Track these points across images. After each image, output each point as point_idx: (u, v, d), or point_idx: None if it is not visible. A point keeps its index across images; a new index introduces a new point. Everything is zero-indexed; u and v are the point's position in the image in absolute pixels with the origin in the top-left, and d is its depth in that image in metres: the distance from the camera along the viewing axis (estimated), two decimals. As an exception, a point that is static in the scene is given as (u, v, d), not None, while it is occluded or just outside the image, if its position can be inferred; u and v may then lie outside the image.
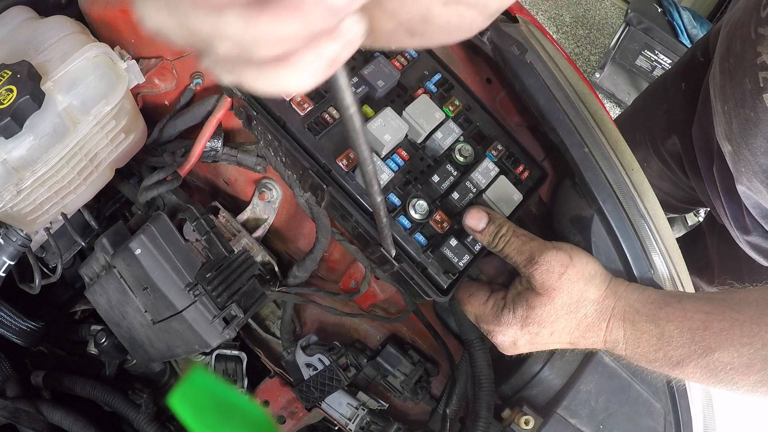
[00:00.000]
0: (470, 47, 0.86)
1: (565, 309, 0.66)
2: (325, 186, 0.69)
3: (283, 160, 0.75)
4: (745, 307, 0.62)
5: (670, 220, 2.21)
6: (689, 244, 1.48)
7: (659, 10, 2.83)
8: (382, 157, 0.69)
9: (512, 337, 0.68)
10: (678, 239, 0.80)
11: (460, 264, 0.69)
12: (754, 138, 0.87)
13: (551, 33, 2.44)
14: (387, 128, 0.69)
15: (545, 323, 0.66)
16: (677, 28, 2.74)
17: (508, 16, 0.85)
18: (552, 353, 0.77)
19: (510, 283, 0.72)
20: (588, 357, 0.77)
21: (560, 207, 0.81)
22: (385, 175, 0.68)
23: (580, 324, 0.67)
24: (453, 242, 0.69)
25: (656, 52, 2.78)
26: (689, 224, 2.33)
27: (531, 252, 0.66)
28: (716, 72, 0.97)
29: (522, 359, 0.79)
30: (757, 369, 0.60)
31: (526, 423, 0.74)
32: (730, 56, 0.91)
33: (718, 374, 0.62)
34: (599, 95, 1.33)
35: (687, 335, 0.62)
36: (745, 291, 0.66)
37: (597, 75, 2.97)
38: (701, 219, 1.74)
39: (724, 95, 0.93)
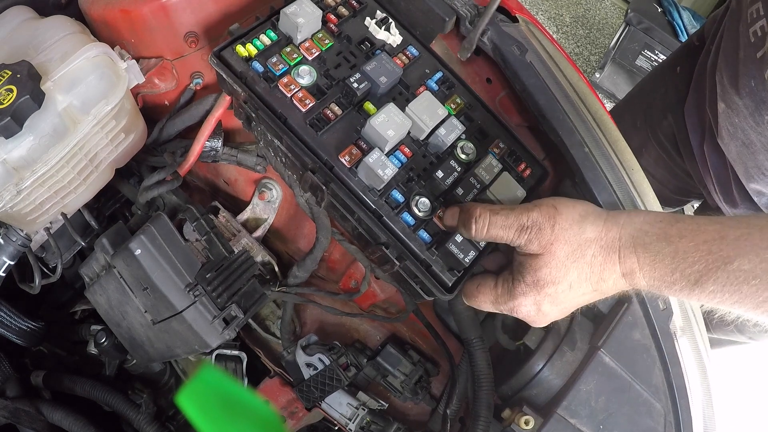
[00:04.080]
0: (470, 47, 0.86)
1: (570, 257, 0.64)
2: (326, 183, 0.69)
3: (283, 160, 0.75)
4: (765, 215, 0.60)
5: None
6: None
7: (659, 10, 2.83)
8: (385, 153, 0.69)
9: (534, 304, 0.66)
10: None
11: (466, 260, 0.68)
12: (741, 78, 0.90)
13: (551, 33, 2.44)
14: (390, 124, 0.69)
15: (558, 279, 0.64)
16: (677, 28, 2.74)
17: (508, 16, 0.85)
18: (552, 353, 0.77)
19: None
20: (588, 357, 0.77)
21: (560, 207, 0.81)
22: (389, 171, 0.67)
23: (592, 267, 0.64)
24: (458, 238, 0.68)
25: (656, 52, 2.78)
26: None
27: (517, 221, 0.64)
28: (720, 40, 1.01)
29: (522, 359, 0.79)
30: None
31: (526, 423, 0.74)
32: (730, 15, 0.95)
33: (741, 288, 0.57)
34: (599, 95, 1.35)
35: (703, 248, 0.58)
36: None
37: (597, 75, 2.97)
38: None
39: (722, 54, 0.96)
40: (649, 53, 2.80)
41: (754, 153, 0.96)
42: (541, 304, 0.66)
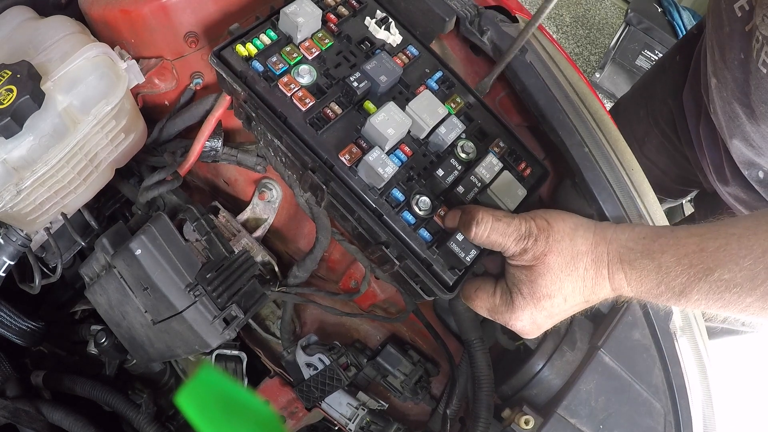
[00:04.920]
0: (470, 47, 0.86)
1: (564, 270, 0.65)
2: (326, 182, 0.69)
3: (283, 160, 0.75)
4: (741, 222, 0.61)
5: (670, 211, 2.27)
6: None
7: (659, 10, 2.83)
8: (385, 151, 0.69)
9: (530, 318, 0.67)
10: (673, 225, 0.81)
11: (467, 259, 0.68)
12: (730, 52, 0.91)
13: (551, 33, 2.44)
14: (390, 122, 0.69)
15: (554, 292, 0.66)
16: (677, 28, 2.74)
17: (508, 15, 0.85)
18: (552, 353, 0.77)
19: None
20: (588, 357, 0.77)
21: (560, 207, 0.81)
22: (389, 169, 0.67)
23: (585, 281, 0.66)
24: (459, 237, 0.68)
25: (656, 52, 2.78)
26: (686, 216, 2.36)
27: (516, 230, 0.65)
28: (708, 20, 1.04)
29: (522, 359, 0.79)
30: (761, 280, 0.58)
31: (526, 423, 0.74)
32: None
33: (723, 296, 0.60)
34: (599, 95, 1.37)
35: (684, 261, 0.61)
36: (740, 215, 0.65)
37: (597, 75, 2.97)
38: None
39: (710, 32, 0.99)
40: (649, 53, 2.80)
41: (741, 125, 0.99)
42: (537, 318, 0.67)
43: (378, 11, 0.78)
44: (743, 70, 0.91)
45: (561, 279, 0.65)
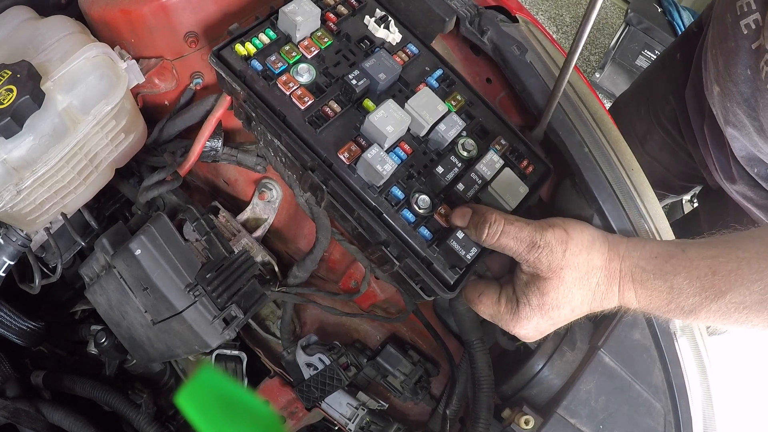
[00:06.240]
0: (470, 47, 0.86)
1: (577, 284, 0.65)
2: (325, 181, 0.69)
3: (283, 159, 0.75)
4: (750, 244, 0.62)
5: (671, 208, 2.26)
6: (684, 227, 1.62)
7: (659, 10, 2.83)
8: (385, 149, 0.68)
9: (535, 326, 0.67)
10: (673, 223, 0.82)
11: (468, 257, 0.67)
12: (735, 67, 0.92)
13: (551, 33, 2.43)
14: (389, 120, 0.68)
15: (563, 304, 0.65)
16: (677, 28, 2.74)
17: (508, 15, 0.85)
18: (552, 353, 0.77)
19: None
20: (588, 357, 0.77)
21: (560, 207, 0.81)
22: (388, 167, 0.67)
23: (595, 294, 0.66)
24: (460, 235, 0.67)
25: (656, 52, 2.78)
26: (685, 213, 2.36)
27: (530, 237, 0.64)
28: (710, 27, 1.04)
29: (522, 359, 0.79)
30: None
31: (526, 423, 0.74)
32: (718, 3, 0.99)
33: (731, 315, 0.62)
34: (599, 95, 1.36)
35: (696, 284, 0.62)
36: (748, 231, 0.65)
37: (597, 75, 2.97)
38: (696, 204, 1.83)
39: (713, 40, 1.00)
40: (649, 53, 2.80)
41: (748, 134, 0.99)
42: (541, 326, 0.67)
43: (377, 10, 0.78)
44: (750, 86, 0.90)
45: (572, 291, 0.65)
